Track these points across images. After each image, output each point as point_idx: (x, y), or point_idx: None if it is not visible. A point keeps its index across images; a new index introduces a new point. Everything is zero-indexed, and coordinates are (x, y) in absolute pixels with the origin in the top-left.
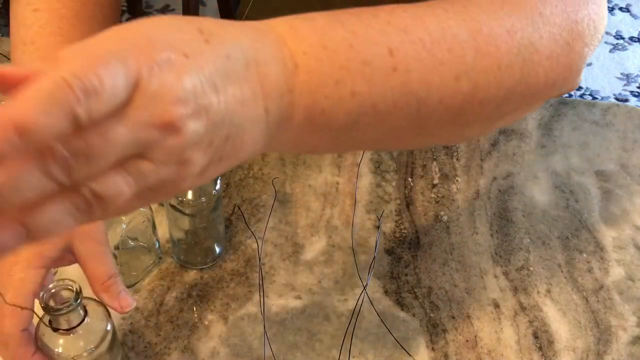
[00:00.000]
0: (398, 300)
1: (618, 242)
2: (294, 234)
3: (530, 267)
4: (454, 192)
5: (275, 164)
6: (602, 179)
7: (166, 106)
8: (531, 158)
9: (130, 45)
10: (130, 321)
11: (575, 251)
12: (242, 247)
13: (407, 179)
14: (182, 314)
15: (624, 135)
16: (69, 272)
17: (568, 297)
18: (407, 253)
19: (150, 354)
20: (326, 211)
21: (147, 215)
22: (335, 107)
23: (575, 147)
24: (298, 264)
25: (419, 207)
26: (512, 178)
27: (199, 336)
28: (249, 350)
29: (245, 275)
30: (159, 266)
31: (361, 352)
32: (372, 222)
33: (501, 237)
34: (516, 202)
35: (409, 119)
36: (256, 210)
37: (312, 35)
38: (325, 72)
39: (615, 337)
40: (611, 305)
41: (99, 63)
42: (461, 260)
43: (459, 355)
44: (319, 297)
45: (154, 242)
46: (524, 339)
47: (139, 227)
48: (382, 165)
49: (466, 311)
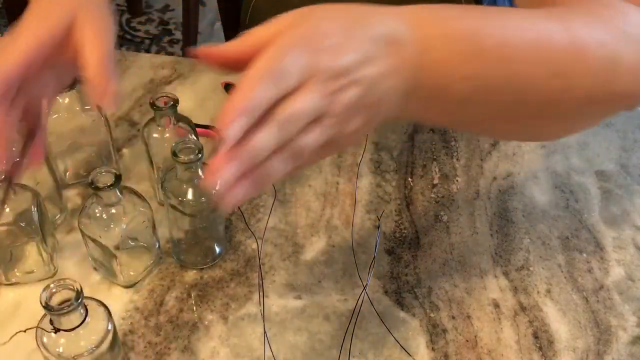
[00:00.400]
0: (398, 300)
1: (618, 242)
2: (294, 234)
3: (530, 267)
4: (454, 192)
5: None
6: (602, 179)
7: (331, 80)
8: (531, 158)
9: (305, 38)
10: (130, 321)
11: (575, 251)
12: (242, 247)
13: (407, 179)
14: (182, 314)
15: (624, 135)
16: (69, 272)
17: (568, 297)
18: (407, 253)
19: (150, 354)
20: (326, 211)
21: (147, 215)
22: (454, 85)
23: (575, 147)
24: (298, 264)
25: (419, 207)
26: (512, 178)
27: (199, 336)
28: (249, 350)
29: (245, 275)
30: (159, 266)
31: (361, 352)
32: (372, 222)
33: (501, 237)
34: (516, 202)
35: (507, 106)
36: (256, 210)
37: (438, 25)
38: (447, 56)
39: (615, 337)
40: (611, 305)
41: (289, 52)
42: (461, 260)
43: (459, 355)
44: (319, 297)
45: (154, 242)
46: (524, 339)
47: (139, 227)
48: (382, 165)
49: (466, 311)
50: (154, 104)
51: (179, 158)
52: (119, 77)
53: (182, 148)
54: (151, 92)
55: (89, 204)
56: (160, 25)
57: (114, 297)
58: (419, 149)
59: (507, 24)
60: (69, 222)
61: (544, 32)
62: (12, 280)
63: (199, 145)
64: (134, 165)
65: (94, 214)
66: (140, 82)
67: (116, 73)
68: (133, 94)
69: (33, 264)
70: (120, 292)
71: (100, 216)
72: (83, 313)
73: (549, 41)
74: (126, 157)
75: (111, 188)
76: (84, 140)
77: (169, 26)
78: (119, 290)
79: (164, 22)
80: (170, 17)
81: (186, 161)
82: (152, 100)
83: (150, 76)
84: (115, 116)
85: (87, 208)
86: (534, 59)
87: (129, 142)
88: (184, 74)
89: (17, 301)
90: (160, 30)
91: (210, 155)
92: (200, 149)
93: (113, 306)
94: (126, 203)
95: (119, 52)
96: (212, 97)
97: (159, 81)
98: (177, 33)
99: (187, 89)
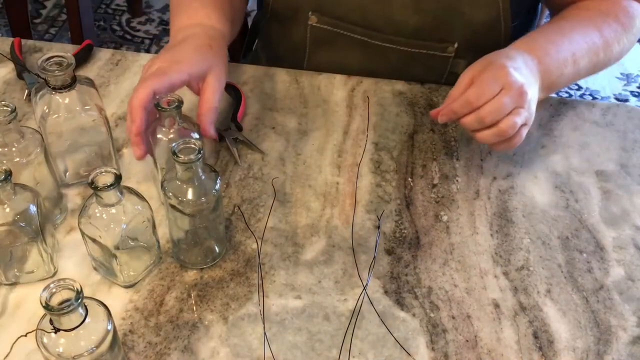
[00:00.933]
0: (398, 300)
1: (618, 242)
2: (294, 234)
3: (530, 267)
4: (454, 192)
5: (275, 164)
6: (602, 179)
7: (520, 98)
8: (531, 158)
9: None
10: (130, 321)
11: (575, 251)
12: (242, 247)
13: (407, 179)
14: (182, 314)
15: (624, 135)
16: (69, 272)
17: (568, 297)
18: (407, 253)
19: (150, 354)
20: (326, 211)
21: (147, 215)
22: (556, 80)
23: (575, 147)
24: (298, 264)
25: (419, 207)
26: (512, 178)
27: (199, 336)
28: (249, 350)
29: (245, 275)
30: (159, 266)
31: (361, 352)
32: (372, 222)
33: (501, 237)
34: (516, 202)
35: (573, 80)
36: (256, 210)
37: (541, 47)
38: (550, 65)
39: (615, 337)
40: (611, 305)
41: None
42: (461, 260)
43: (459, 355)
44: (319, 297)
45: (154, 242)
46: (524, 339)
47: (139, 227)
48: (382, 165)
49: (466, 311)
50: (158, 105)
51: (179, 158)
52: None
53: (182, 148)
54: None
55: (89, 204)
56: (160, 25)
57: (114, 297)
58: (419, 149)
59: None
60: (69, 222)
61: (590, 41)
62: (12, 280)
63: (198, 145)
64: (134, 165)
65: (94, 214)
66: None
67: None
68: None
69: (33, 264)
70: (120, 292)
71: (100, 216)
72: (83, 313)
73: (593, 46)
74: (126, 157)
75: (111, 188)
76: (84, 140)
77: (169, 26)
78: (119, 290)
79: (164, 22)
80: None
81: (186, 161)
82: (156, 101)
83: None
84: (115, 116)
85: (87, 208)
86: (586, 59)
87: (129, 142)
88: None
89: (17, 301)
90: (160, 30)
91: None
92: (200, 148)
93: (113, 306)
94: (126, 203)
95: (119, 52)
96: None
97: None
98: None
99: (187, 89)
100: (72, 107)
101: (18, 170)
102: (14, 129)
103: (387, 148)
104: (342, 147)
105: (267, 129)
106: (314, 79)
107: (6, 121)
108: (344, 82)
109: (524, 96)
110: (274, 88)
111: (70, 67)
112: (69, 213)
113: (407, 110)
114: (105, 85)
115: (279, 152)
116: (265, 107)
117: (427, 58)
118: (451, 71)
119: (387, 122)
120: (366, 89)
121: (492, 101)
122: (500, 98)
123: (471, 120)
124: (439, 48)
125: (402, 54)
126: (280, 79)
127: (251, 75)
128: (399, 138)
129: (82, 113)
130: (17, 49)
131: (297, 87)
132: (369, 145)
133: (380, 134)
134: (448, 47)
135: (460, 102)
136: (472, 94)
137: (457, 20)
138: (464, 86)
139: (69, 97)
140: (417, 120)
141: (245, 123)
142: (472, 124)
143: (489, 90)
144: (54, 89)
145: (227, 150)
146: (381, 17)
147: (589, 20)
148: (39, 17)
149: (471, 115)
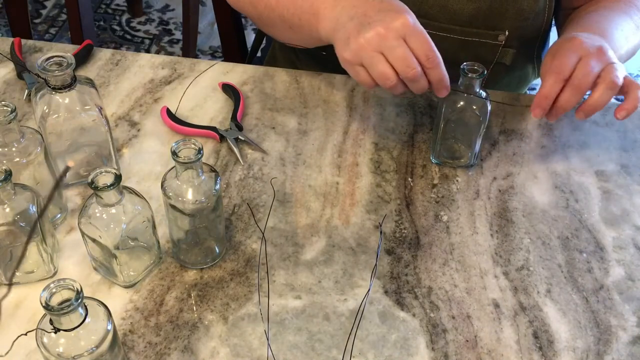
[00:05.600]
0: (398, 300)
1: (618, 242)
2: (294, 234)
3: (530, 267)
4: (454, 192)
5: (275, 164)
6: (602, 179)
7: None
8: (531, 158)
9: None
10: (130, 321)
11: (575, 251)
12: (242, 247)
13: (407, 179)
14: (182, 314)
15: (624, 135)
16: (69, 272)
17: (568, 297)
18: (407, 253)
19: (150, 354)
20: (326, 211)
21: (147, 215)
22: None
23: (575, 147)
24: (298, 264)
25: (419, 207)
26: (512, 178)
27: (199, 336)
28: (249, 350)
29: (245, 275)
30: (159, 266)
31: (361, 352)
32: (372, 222)
33: (501, 237)
34: (516, 202)
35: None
36: (256, 210)
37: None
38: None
39: (615, 337)
40: (611, 305)
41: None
42: (461, 260)
43: (459, 355)
44: (319, 297)
45: (154, 242)
46: (524, 339)
47: (139, 227)
48: (382, 165)
49: (466, 311)
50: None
51: (178, 158)
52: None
53: (182, 148)
54: (151, 92)
55: (89, 204)
56: (160, 25)
57: (114, 297)
58: (419, 149)
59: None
60: (69, 222)
61: (630, 25)
62: (12, 280)
63: (198, 145)
64: (134, 165)
65: (94, 214)
66: (140, 82)
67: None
68: (133, 94)
69: (33, 264)
70: (120, 292)
71: (100, 216)
72: (83, 313)
73: (630, 32)
74: (126, 157)
75: (111, 188)
76: (84, 140)
77: (169, 26)
78: (119, 290)
79: (164, 22)
80: (170, 17)
81: (186, 161)
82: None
83: (150, 76)
84: (115, 116)
85: (87, 208)
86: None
87: (129, 142)
88: (183, 74)
89: (17, 301)
90: (160, 30)
91: (209, 156)
92: (200, 148)
93: (113, 306)
94: (126, 203)
95: (119, 52)
96: (211, 97)
97: (159, 81)
98: (177, 33)
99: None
100: (72, 107)
101: (18, 170)
102: (14, 129)
103: (387, 148)
104: (342, 147)
105: (267, 129)
106: (314, 79)
107: (6, 121)
108: (344, 82)
109: (605, 53)
110: (274, 88)
111: (70, 67)
112: (69, 213)
113: (407, 110)
114: (105, 85)
115: (279, 152)
116: (265, 107)
117: (478, 46)
118: (498, 61)
119: (387, 122)
120: (366, 89)
121: (578, 67)
122: (585, 61)
123: (568, 95)
124: (490, 36)
125: (454, 42)
126: (280, 79)
127: (251, 75)
128: (399, 138)
129: (82, 113)
130: (17, 49)
131: (297, 87)
132: (369, 145)
133: (380, 134)
134: (499, 36)
135: (547, 83)
136: (556, 67)
137: (511, 8)
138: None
139: (69, 97)
140: (417, 120)
141: (245, 123)
142: (570, 98)
143: (569, 61)
144: (54, 89)
145: (228, 150)
146: (437, 6)
147: (618, 9)
148: (39, 17)
149: (565, 90)
